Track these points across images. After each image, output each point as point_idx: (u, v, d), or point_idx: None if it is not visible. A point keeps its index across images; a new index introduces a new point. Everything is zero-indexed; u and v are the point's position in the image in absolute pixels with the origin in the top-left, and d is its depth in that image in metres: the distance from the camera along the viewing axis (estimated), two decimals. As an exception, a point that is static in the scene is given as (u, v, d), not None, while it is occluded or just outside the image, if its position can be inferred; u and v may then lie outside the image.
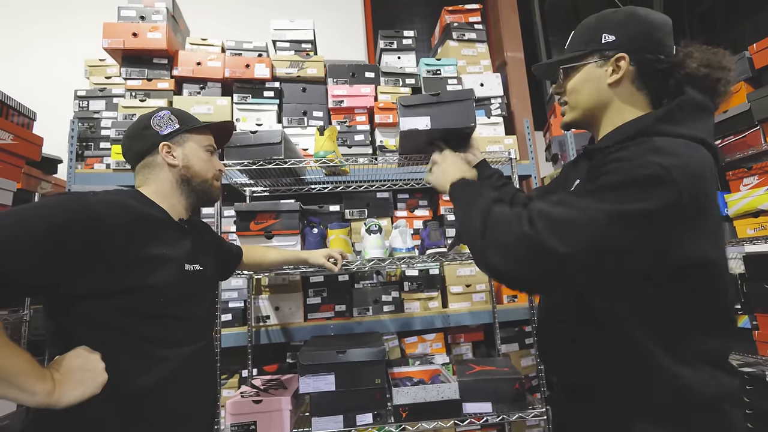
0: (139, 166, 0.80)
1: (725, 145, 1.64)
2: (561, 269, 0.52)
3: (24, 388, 0.53)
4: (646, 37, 0.63)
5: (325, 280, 1.59)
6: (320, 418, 1.17)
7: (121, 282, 0.65)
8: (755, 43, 1.54)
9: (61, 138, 1.63)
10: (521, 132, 1.91)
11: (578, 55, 0.67)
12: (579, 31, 0.70)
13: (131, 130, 0.81)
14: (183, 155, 0.81)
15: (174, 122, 0.81)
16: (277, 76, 1.77)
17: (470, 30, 1.96)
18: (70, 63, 2.01)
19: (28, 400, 0.54)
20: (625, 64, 0.63)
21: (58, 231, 0.58)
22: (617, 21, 0.65)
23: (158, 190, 0.79)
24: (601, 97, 0.66)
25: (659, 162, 0.50)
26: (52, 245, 0.58)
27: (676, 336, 0.56)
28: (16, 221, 0.57)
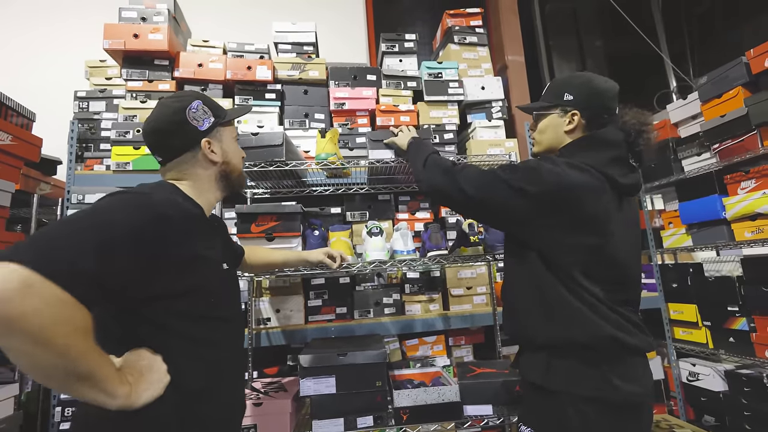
0: (174, 162, 0.75)
1: (723, 149, 1.66)
2: (463, 201, 0.85)
3: (108, 392, 0.54)
4: (594, 100, 0.87)
5: (326, 282, 1.59)
6: (321, 420, 1.17)
7: (181, 284, 0.65)
8: (752, 49, 1.55)
9: (60, 139, 1.62)
10: (522, 135, 1.92)
11: (546, 106, 0.92)
12: (551, 86, 0.94)
13: (163, 124, 0.74)
14: (222, 150, 0.79)
15: (209, 114, 0.78)
16: (279, 78, 1.77)
17: (471, 33, 1.97)
18: (70, 64, 2.00)
19: (109, 403, 0.54)
20: (577, 118, 0.87)
21: (136, 233, 0.58)
22: (577, 84, 0.89)
23: (195, 186, 0.76)
24: (558, 138, 0.90)
25: (546, 166, 0.79)
26: (131, 248, 0.58)
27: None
28: (94, 224, 0.56)
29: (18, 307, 0.46)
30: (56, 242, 0.52)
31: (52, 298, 0.49)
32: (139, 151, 1.52)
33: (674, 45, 2.72)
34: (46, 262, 0.49)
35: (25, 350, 0.48)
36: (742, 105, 1.55)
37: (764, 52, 1.51)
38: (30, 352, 0.48)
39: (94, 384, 0.53)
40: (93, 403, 0.54)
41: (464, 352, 1.70)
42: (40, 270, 0.48)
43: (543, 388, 0.78)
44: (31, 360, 0.49)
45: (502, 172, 0.81)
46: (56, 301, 0.49)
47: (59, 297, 0.50)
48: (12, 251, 0.49)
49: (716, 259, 2.04)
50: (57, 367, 0.50)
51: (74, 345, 0.51)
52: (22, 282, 0.47)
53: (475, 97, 1.88)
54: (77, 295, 0.51)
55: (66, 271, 0.50)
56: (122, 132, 1.53)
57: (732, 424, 1.57)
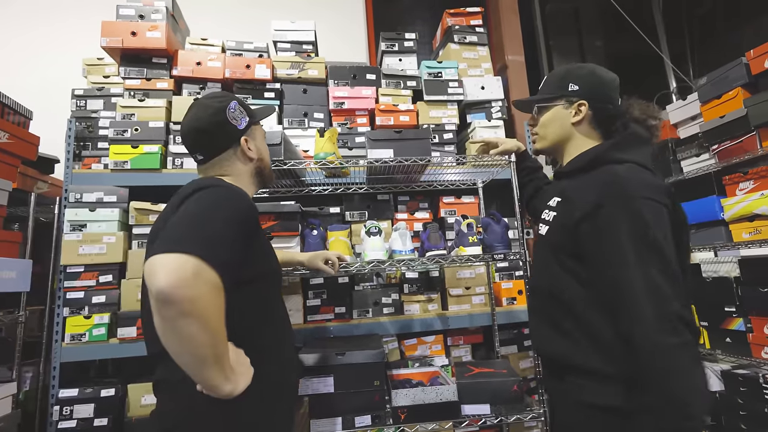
0: (216, 159, 0.82)
1: (722, 149, 1.66)
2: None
3: (226, 376, 0.59)
4: (600, 90, 0.84)
5: (325, 282, 1.59)
6: (319, 420, 1.17)
7: (261, 267, 0.75)
8: (752, 50, 1.55)
9: (58, 138, 1.61)
10: (522, 135, 1.92)
11: (550, 97, 0.87)
12: (551, 78, 0.89)
13: (206, 124, 0.80)
14: (256, 147, 0.86)
15: (245, 114, 0.84)
16: (278, 77, 1.76)
17: (471, 33, 1.97)
18: (67, 62, 1.99)
19: (223, 387, 0.58)
20: (585, 109, 0.83)
21: (247, 222, 0.68)
22: (581, 75, 0.85)
23: (238, 182, 0.81)
24: (565, 132, 0.86)
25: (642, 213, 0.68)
26: (246, 236, 0.67)
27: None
28: (225, 218, 0.63)
29: (194, 291, 0.53)
30: (209, 235, 0.59)
31: (214, 284, 0.57)
32: (137, 149, 1.52)
33: (674, 46, 2.72)
34: (209, 252, 0.56)
35: (189, 331, 0.54)
36: (742, 106, 1.55)
37: (764, 53, 1.51)
38: (193, 333, 0.54)
39: (221, 367, 0.58)
40: (207, 388, 0.58)
41: (463, 352, 1.71)
42: (207, 260, 0.56)
43: (621, 410, 0.66)
44: (191, 340, 0.54)
45: (647, 280, 0.64)
46: (217, 286, 0.57)
47: (217, 283, 0.57)
48: (177, 243, 0.56)
49: (714, 260, 2.05)
50: (208, 346, 0.56)
51: (221, 327, 0.58)
52: (195, 270, 0.54)
53: (474, 96, 1.87)
54: (224, 282, 0.58)
55: (221, 260, 0.58)
56: (120, 130, 1.52)
57: (728, 424, 1.58)
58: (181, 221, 0.61)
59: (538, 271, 0.86)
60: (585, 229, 0.72)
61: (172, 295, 0.52)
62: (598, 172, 0.76)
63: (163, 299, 0.52)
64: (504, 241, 1.29)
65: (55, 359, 1.32)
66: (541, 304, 0.82)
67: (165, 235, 0.59)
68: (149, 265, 0.55)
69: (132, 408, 1.33)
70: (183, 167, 1.56)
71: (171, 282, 0.52)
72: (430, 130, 1.76)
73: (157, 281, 0.52)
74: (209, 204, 0.65)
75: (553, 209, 0.82)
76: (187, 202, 0.65)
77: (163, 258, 0.54)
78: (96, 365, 1.60)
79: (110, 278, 1.39)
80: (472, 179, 1.70)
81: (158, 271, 0.53)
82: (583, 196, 0.74)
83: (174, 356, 0.56)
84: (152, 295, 0.53)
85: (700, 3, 2.77)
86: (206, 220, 0.62)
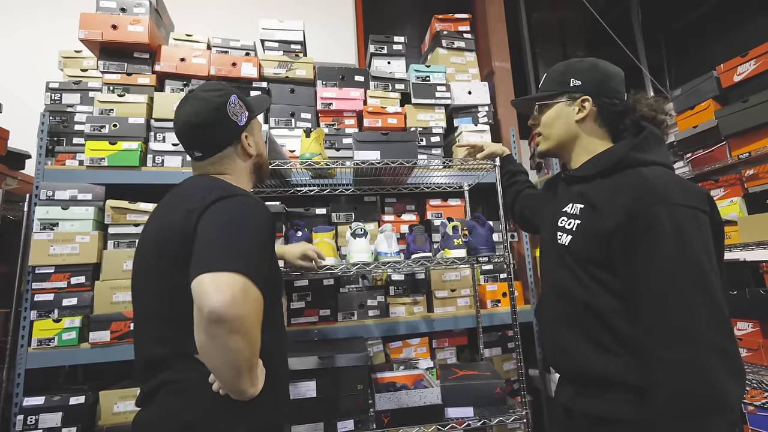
0: (216, 156, 0.79)
1: (694, 158, 1.73)
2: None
3: (253, 381, 0.62)
4: (605, 84, 0.78)
5: (310, 284, 1.57)
6: (300, 425, 1.15)
7: (275, 272, 0.77)
8: (722, 64, 1.63)
9: (30, 132, 1.54)
10: (507, 140, 1.95)
11: (551, 93, 0.81)
12: (551, 74, 0.84)
13: (207, 119, 0.76)
14: (255, 143, 0.84)
15: (244, 109, 0.81)
16: (265, 76, 1.74)
17: (459, 39, 2.00)
18: (42, 53, 1.91)
19: (249, 392, 0.62)
20: (589, 105, 0.77)
21: (273, 233, 0.72)
22: (583, 69, 0.79)
23: (237, 180, 0.80)
24: (570, 131, 0.80)
25: (684, 222, 0.62)
26: (271, 247, 0.72)
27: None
28: (260, 235, 0.66)
29: (243, 309, 0.56)
30: (249, 251, 0.62)
31: (258, 300, 0.60)
32: (116, 146, 1.46)
33: (652, 58, 2.84)
34: (252, 270, 0.59)
35: (236, 346, 0.56)
36: (713, 117, 1.63)
37: (733, 67, 1.59)
38: (239, 348, 0.56)
39: (253, 375, 0.62)
40: (234, 392, 0.61)
41: (448, 354, 1.71)
42: (251, 277, 0.58)
43: (634, 421, 0.64)
44: (234, 354, 0.57)
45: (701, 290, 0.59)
46: (259, 302, 0.60)
47: (260, 299, 0.60)
48: (224, 262, 0.58)
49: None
50: (248, 359, 0.59)
51: (259, 339, 0.60)
52: (243, 288, 0.57)
53: (462, 101, 1.90)
54: (263, 295, 0.61)
55: (261, 275, 0.61)
56: (97, 126, 1.47)
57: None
58: (219, 237, 0.62)
59: (561, 280, 0.75)
60: (618, 240, 0.65)
61: (225, 315, 0.54)
62: (623, 175, 0.70)
63: (216, 319, 0.54)
64: (489, 244, 1.30)
65: (20, 365, 1.26)
66: (573, 316, 0.73)
67: (207, 252, 0.60)
68: (200, 285, 0.56)
69: (103, 416, 1.27)
70: (164, 165, 1.52)
71: (225, 302, 0.54)
72: (417, 133, 1.77)
73: (211, 302, 0.54)
74: (240, 217, 0.65)
75: (575, 217, 0.74)
76: (214, 213, 0.65)
77: (214, 277, 0.56)
78: (65, 371, 1.52)
79: (83, 279, 1.33)
80: (458, 182, 1.72)
81: (210, 291, 0.55)
82: (612, 203, 0.67)
83: (212, 367, 0.59)
84: (203, 314, 0.55)
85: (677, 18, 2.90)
86: (243, 236, 0.63)
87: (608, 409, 0.67)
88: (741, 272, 1.55)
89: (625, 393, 0.66)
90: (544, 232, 0.86)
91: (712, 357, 0.56)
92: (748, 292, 1.41)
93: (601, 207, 0.70)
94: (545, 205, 0.92)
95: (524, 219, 1.13)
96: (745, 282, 1.55)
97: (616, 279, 0.67)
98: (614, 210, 0.67)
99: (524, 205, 1.12)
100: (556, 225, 0.78)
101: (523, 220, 1.14)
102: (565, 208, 0.77)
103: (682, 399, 0.57)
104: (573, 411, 0.73)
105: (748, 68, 1.54)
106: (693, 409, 0.56)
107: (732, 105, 1.55)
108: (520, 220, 1.17)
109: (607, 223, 0.67)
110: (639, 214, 0.63)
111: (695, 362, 0.56)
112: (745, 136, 1.52)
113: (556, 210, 0.80)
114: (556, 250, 0.77)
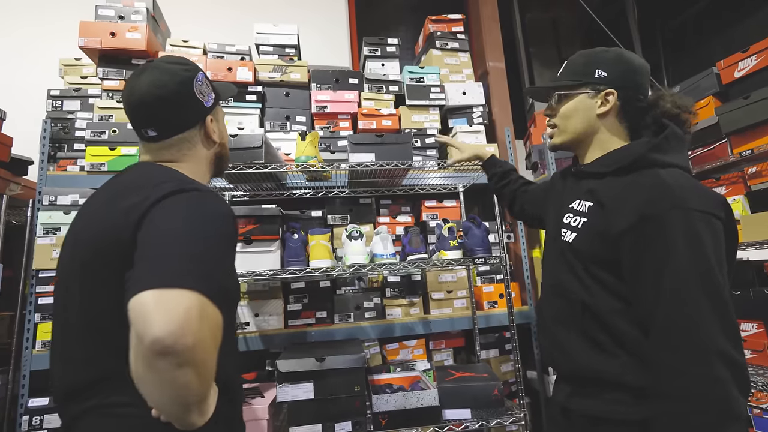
0: (175, 138, 0.66)
1: (695, 156, 1.71)
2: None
3: (203, 411, 0.49)
4: (631, 78, 0.73)
5: (306, 286, 1.57)
6: (298, 427, 1.15)
7: (233, 284, 0.65)
8: (723, 60, 1.61)
9: (32, 139, 1.57)
10: (502, 140, 1.95)
11: (574, 84, 0.76)
12: (573, 62, 0.78)
13: (170, 93, 0.64)
14: (219, 131, 0.73)
15: (210, 89, 0.71)
16: (260, 80, 1.76)
17: (453, 39, 2.00)
18: (43, 61, 1.95)
19: (197, 422, 0.48)
20: (613, 99, 0.72)
21: (235, 238, 0.60)
22: (609, 59, 0.74)
23: (195, 170, 0.68)
24: (589, 125, 0.75)
25: (699, 224, 0.60)
26: (232, 256, 0.59)
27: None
28: (218, 242, 0.54)
29: (197, 337, 0.43)
30: (207, 261, 0.49)
31: (217, 323, 0.47)
32: (115, 152, 1.49)
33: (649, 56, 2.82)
34: (210, 285, 0.46)
35: (184, 381, 0.43)
36: (713, 114, 1.60)
37: (734, 63, 1.56)
38: (187, 383, 0.43)
39: (203, 407, 0.49)
40: (179, 424, 0.48)
41: (444, 356, 1.70)
42: (209, 294, 0.46)
43: (631, 422, 0.64)
44: (181, 391, 0.44)
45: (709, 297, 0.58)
46: (218, 325, 0.47)
47: (219, 321, 0.47)
48: (175, 276, 0.45)
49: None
50: (199, 395, 0.46)
51: (214, 369, 0.47)
52: (200, 310, 0.44)
53: (456, 102, 1.90)
54: (223, 314, 0.48)
55: (221, 291, 0.49)
56: (97, 132, 1.49)
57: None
58: (169, 242, 0.49)
59: (561, 278, 0.74)
60: (629, 242, 0.63)
61: (174, 346, 0.41)
62: (638, 175, 0.67)
63: (161, 351, 0.41)
64: (484, 245, 1.30)
65: (25, 367, 1.28)
66: (571, 315, 0.71)
67: (152, 263, 0.47)
68: (141, 305, 0.43)
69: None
70: (161, 170, 1.54)
71: (173, 330, 0.41)
72: (411, 135, 1.78)
73: (155, 330, 0.41)
74: (198, 217, 0.53)
75: (582, 214, 0.72)
76: (164, 212, 0.52)
77: (160, 296, 0.43)
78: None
79: (83, 283, 1.36)
80: (453, 183, 1.72)
81: (154, 314, 0.42)
82: (624, 203, 0.65)
83: (153, 402, 0.46)
84: (144, 344, 0.42)
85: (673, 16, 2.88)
86: (201, 242, 0.50)
87: (605, 409, 0.67)
88: (744, 272, 1.52)
89: (622, 393, 0.65)
90: (547, 229, 0.84)
91: (724, 369, 0.55)
92: (752, 292, 1.39)
93: (611, 206, 0.67)
94: (550, 197, 0.88)
95: (524, 214, 1.07)
96: (748, 282, 1.53)
97: (618, 280, 0.66)
98: (626, 210, 0.64)
99: (524, 201, 1.05)
100: (561, 222, 0.75)
101: (524, 215, 1.07)
102: (571, 204, 0.75)
103: (695, 410, 0.56)
104: (570, 411, 0.72)
105: (749, 64, 1.52)
106: (706, 420, 0.55)
107: (733, 101, 1.52)
108: (522, 217, 1.09)
109: (617, 223, 0.65)
110: (653, 217, 0.61)
111: (708, 374, 0.55)
112: (746, 133, 1.49)
113: (561, 205, 0.78)
114: (559, 247, 0.75)
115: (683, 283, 0.58)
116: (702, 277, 0.58)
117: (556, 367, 0.79)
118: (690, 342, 0.57)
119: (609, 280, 0.67)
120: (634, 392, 0.64)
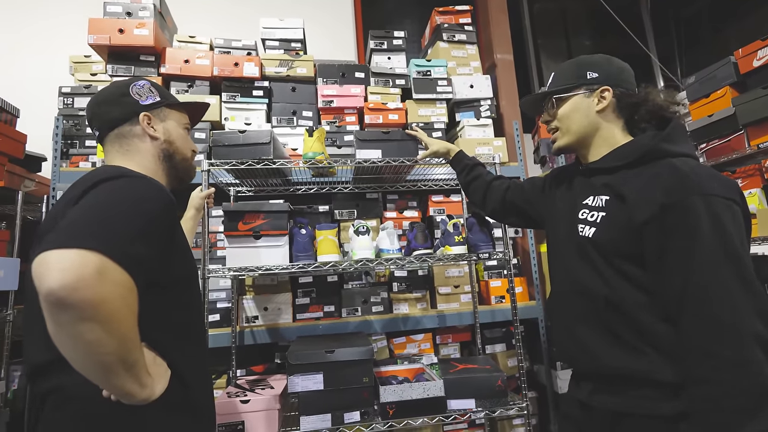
0: (113, 135, 0.73)
1: (710, 148, 1.67)
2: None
3: (141, 382, 0.53)
4: (621, 76, 0.78)
5: (314, 280, 1.60)
6: (308, 416, 1.18)
7: (180, 269, 0.68)
8: (741, 49, 1.55)
9: (45, 135, 1.60)
10: (510, 134, 1.92)
11: (569, 86, 0.80)
12: (563, 69, 0.83)
13: (104, 96, 0.74)
14: (164, 129, 0.77)
15: (155, 94, 0.77)
16: (267, 75, 1.76)
17: (460, 31, 1.96)
18: (54, 59, 1.97)
19: (137, 394, 0.52)
20: (609, 95, 0.77)
21: (164, 217, 0.60)
22: (598, 62, 0.80)
23: (143, 165, 0.73)
24: (591, 122, 0.78)
25: (725, 213, 0.61)
26: (162, 232, 0.59)
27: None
28: (138, 211, 0.55)
29: (96, 293, 0.46)
30: (115, 228, 0.51)
31: (124, 283, 0.49)
32: (125, 148, 1.51)
33: (662, 46, 2.74)
34: (115, 247, 0.49)
35: (92, 337, 0.46)
36: (730, 105, 1.55)
37: (752, 52, 1.51)
38: (95, 339, 0.46)
39: (134, 373, 0.52)
40: (119, 396, 0.52)
41: (451, 350, 1.72)
42: (112, 256, 0.48)
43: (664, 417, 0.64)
44: (92, 348, 0.47)
45: (741, 289, 0.58)
46: (126, 286, 0.50)
47: (127, 283, 0.50)
48: (74, 238, 0.47)
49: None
50: (114, 354, 0.49)
51: (133, 331, 0.51)
52: (98, 268, 0.46)
53: (463, 95, 1.87)
54: (136, 281, 0.51)
55: (130, 256, 0.50)
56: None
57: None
58: (81, 214, 0.52)
59: (579, 275, 0.74)
60: (652, 231, 0.64)
61: (68, 298, 0.44)
62: (653, 166, 0.68)
63: (56, 302, 0.44)
64: (488, 241, 1.30)
65: (43, 358, 1.33)
66: (593, 312, 0.71)
67: (59, 230, 0.49)
68: (38, 263, 0.45)
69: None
70: (171, 166, 1.56)
71: (67, 283, 0.44)
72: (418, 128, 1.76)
73: (48, 281, 0.44)
74: (116, 195, 0.56)
75: (599, 209, 0.72)
76: (90, 194, 0.57)
77: (56, 254, 0.45)
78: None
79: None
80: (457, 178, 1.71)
81: (49, 269, 0.45)
82: (644, 194, 0.66)
83: (74, 364, 0.49)
84: (41, 297, 0.45)
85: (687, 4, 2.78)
86: (112, 212, 0.53)
87: (631, 404, 0.67)
88: (760, 266, 1.49)
89: (650, 389, 0.65)
90: (555, 227, 0.83)
91: (759, 350, 0.55)
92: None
93: (630, 198, 0.68)
94: (549, 198, 0.88)
95: (506, 210, 1.03)
96: (765, 277, 1.50)
97: (643, 272, 0.66)
98: (647, 201, 0.65)
99: (514, 197, 1.01)
100: (576, 218, 0.76)
101: (505, 211, 1.04)
102: (586, 201, 0.76)
103: (730, 394, 0.56)
104: (592, 407, 0.72)
105: (769, 52, 1.46)
106: (743, 403, 0.55)
107: (751, 92, 1.47)
108: (502, 213, 1.06)
109: (639, 215, 0.65)
110: (675, 205, 0.62)
111: (745, 358, 0.55)
112: (764, 124, 1.45)
113: (573, 203, 0.78)
114: (576, 243, 0.75)
115: (712, 266, 0.59)
116: (731, 259, 0.58)
117: (575, 365, 0.78)
118: (723, 325, 0.57)
119: (633, 272, 0.67)
120: (661, 389, 0.64)
